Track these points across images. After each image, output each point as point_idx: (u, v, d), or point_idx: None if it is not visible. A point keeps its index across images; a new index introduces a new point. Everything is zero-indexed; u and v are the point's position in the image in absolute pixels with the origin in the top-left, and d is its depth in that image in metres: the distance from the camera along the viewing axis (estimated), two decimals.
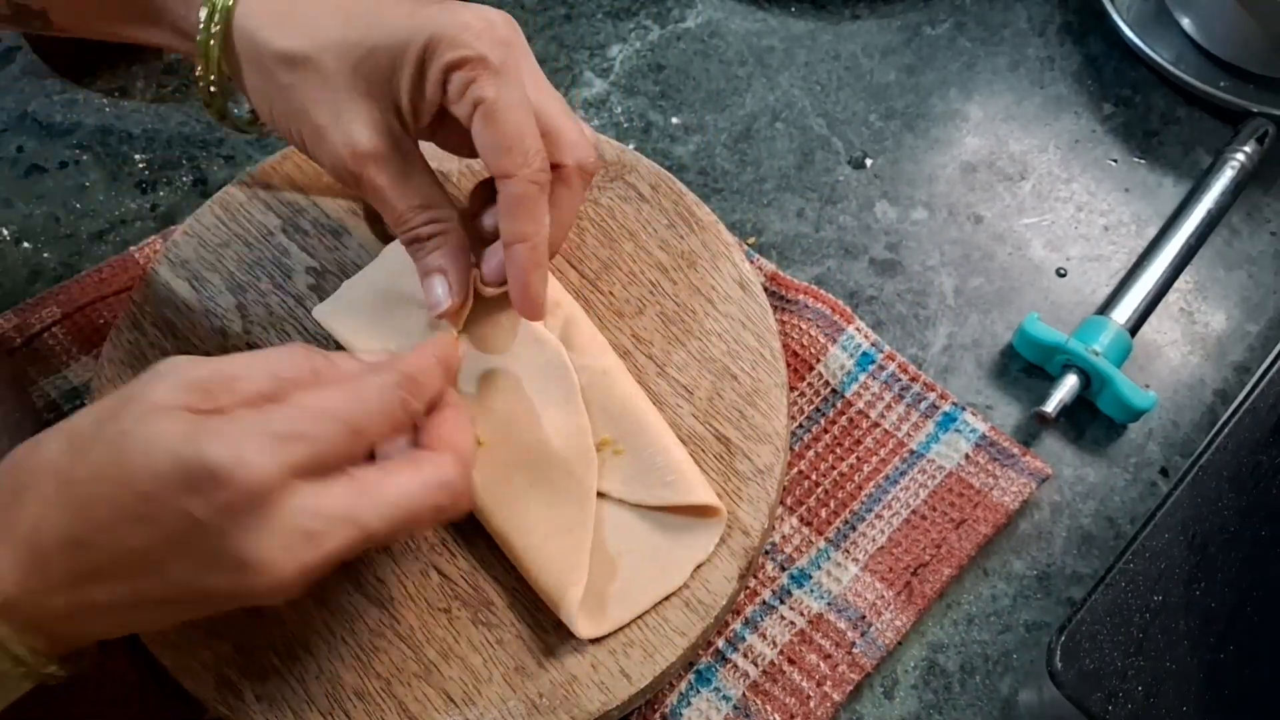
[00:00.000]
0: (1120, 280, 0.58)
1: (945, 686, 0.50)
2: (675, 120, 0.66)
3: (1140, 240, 0.61)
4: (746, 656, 0.49)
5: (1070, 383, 0.55)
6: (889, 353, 0.56)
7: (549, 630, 0.46)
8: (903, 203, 0.63)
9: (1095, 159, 0.65)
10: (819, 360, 0.55)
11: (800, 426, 0.54)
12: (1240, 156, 0.60)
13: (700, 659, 0.49)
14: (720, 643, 0.49)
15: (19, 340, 0.55)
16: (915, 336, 0.59)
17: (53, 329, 0.56)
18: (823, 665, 0.48)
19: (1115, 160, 0.65)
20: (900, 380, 0.55)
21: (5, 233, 0.61)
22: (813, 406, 0.55)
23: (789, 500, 0.53)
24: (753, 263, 0.58)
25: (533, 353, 0.48)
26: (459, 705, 0.44)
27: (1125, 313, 0.56)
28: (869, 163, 0.64)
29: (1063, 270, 0.61)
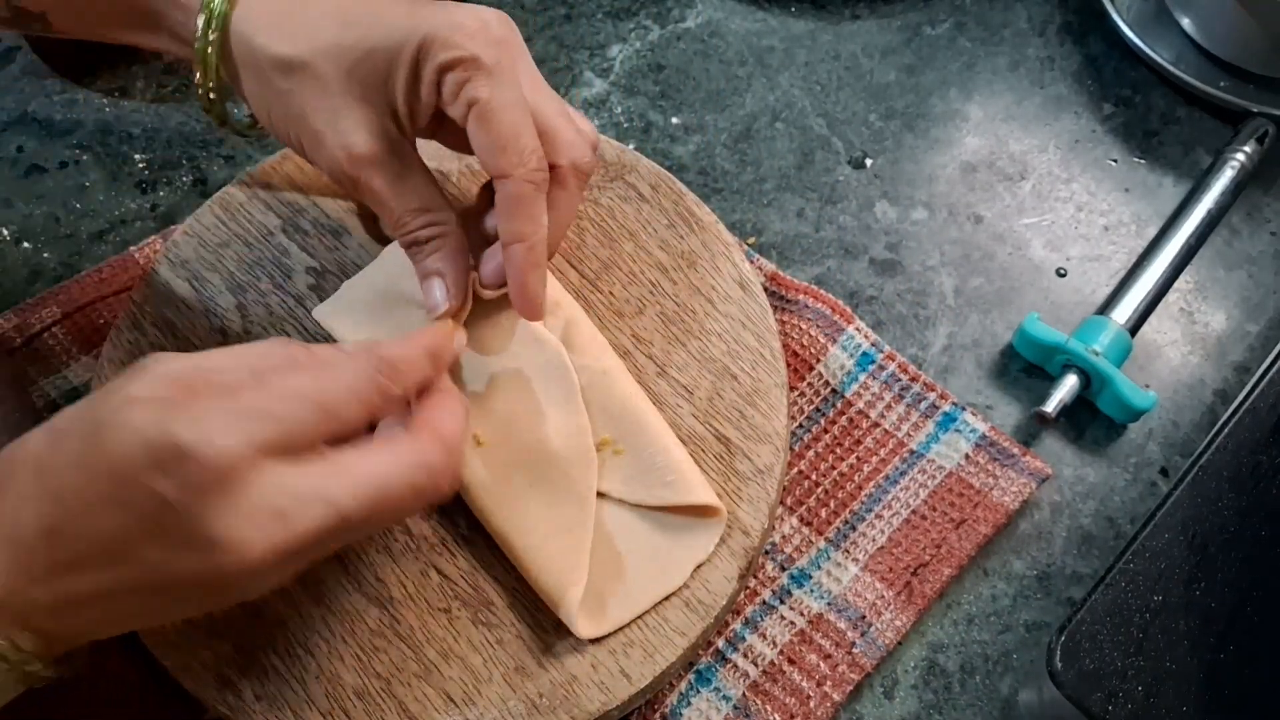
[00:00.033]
0: (1120, 280, 0.58)
1: (945, 686, 0.50)
2: (675, 120, 0.66)
3: (1140, 240, 0.61)
4: (746, 656, 0.49)
5: (1070, 383, 0.55)
6: (889, 353, 0.56)
7: (549, 630, 0.46)
8: (903, 203, 0.63)
9: (1095, 159, 0.65)
10: (819, 360, 0.55)
11: (800, 426, 0.54)
12: (1240, 156, 0.60)
13: (700, 659, 0.49)
14: (720, 643, 0.49)
15: (19, 340, 0.55)
16: (915, 336, 0.59)
17: (53, 329, 0.56)
18: (823, 665, 0.48)
19: (1115, 160, 0.65)
20: (900, 380, 0.55)
21: (5, 233, 0.61)
22: (813, 406, 0.55)
23: (789, 500, 0.53)
24: (753, 263, 0.58)
25: (533, 353, 0.48)
26: (459, 705, 0.44)
27: (1125, 313, 0.56)
28: (869, 163, 0.64)
29: (1063, 270, 0.61)
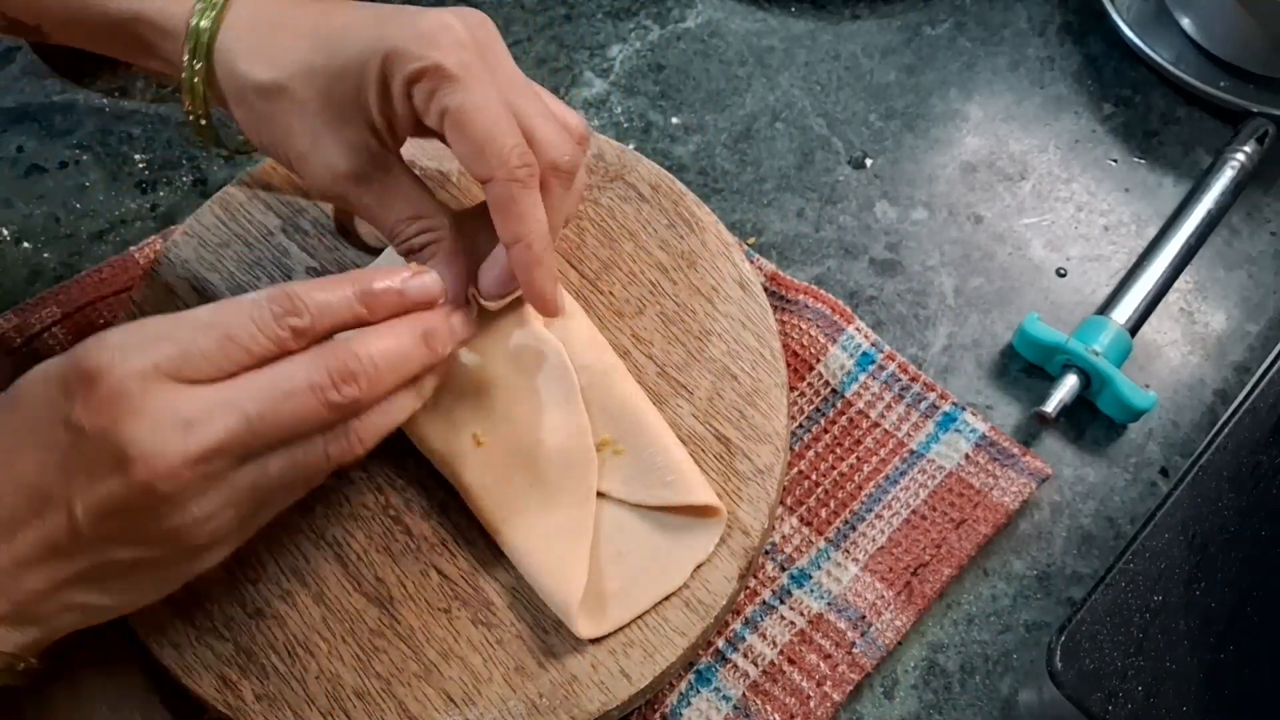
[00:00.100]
0: (1120, 280, 0.58)
1: (945, 686, 0.50)
2: (675, 120, 0.66)
3: (1140, 240, 0.61)
4: (746, 656, 0.49)
5: (1070, 383, 0.55)
6: (889, 353, 0.56)
7: (549, 630, 0.46)
8: (903, 203, 0.63)
9: (1095, 159, 0.65)
10: (819, 360, 0.55)
11: (800, 426, 0.54)
12: (1240, 156, 0.60)
13: (700, 659, 0.49)
14: (720, 643, 0.49)
15: (19, 340, 0.55)
16: (915, 336, 0.59)
17: (53, 329, 0.56)
18: (823, 665, 0.48)
19: (1115, 160, 0.65)
20: (900, 380, 0.55)
21: (5, 233, 0.62)
22: (813, 406, 0.55)
23: (789, 500, 0.53)
24: (753, 263, 0.58)
25: (533, 353, 0.48)
26: (459, 705, 0.44)
27: (1125, 313, 0.56)
28: (869, 163, 0.64)
29: (1063, 270, 0.61)
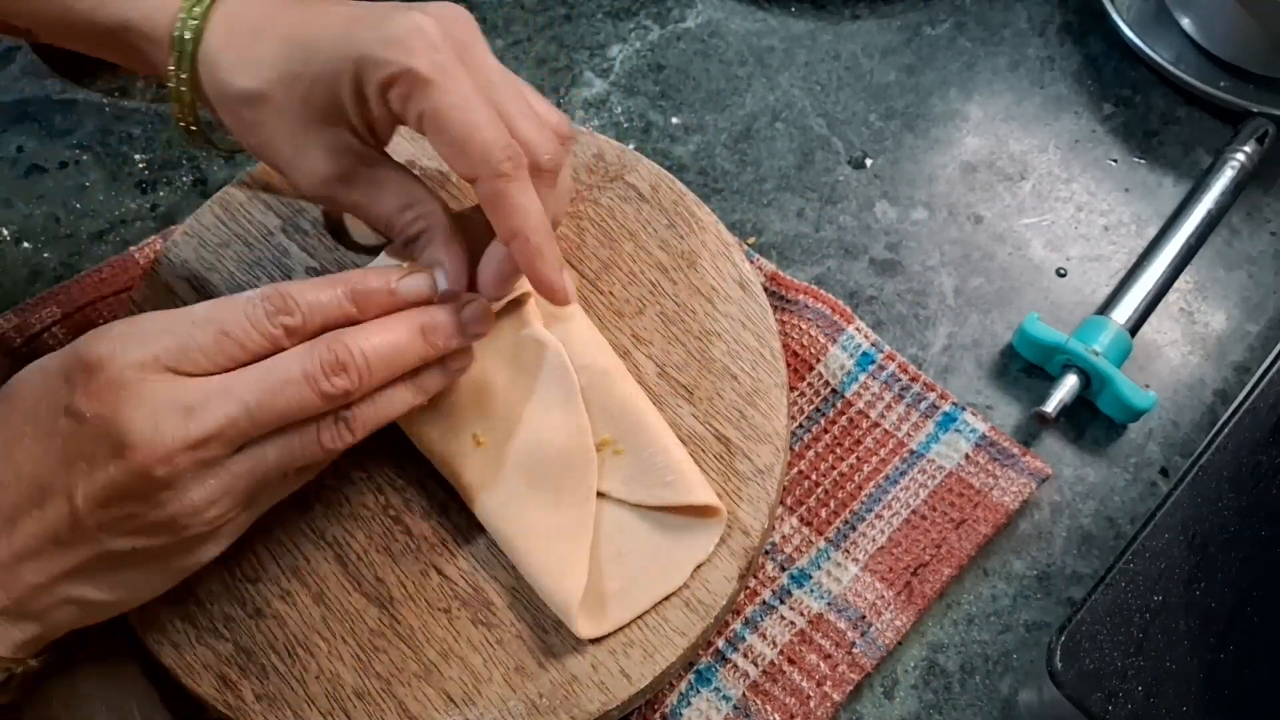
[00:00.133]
0: (1120, 280, 0.58)
1: (945, 686, 0.50)
2: (675, 120, 0.66)
3: (1140, 240, 0.61)
4: (746, 656, 0.49)
5: (1070, 383, 0.55)
6: (889, 353, 0.56)
7: (549, 630, 0.46)
8: (903, 203, 0.63)
9: (1095, 159, 0.65)
10: (819, 360, 0.55)
11: (800, 426, 0.54)
12: (1240, 156, 0.60)
13: (700, 659, 0.49)
14: (720, 643, 0.49)
15: (19, 340, 0.55)
16: (915, 336, 0.59)
17: (53, 329, 0.56)
18: (823, 665, 0.48)
19: (1115, 160, 0.65)
20: (900, 380, 0.55)
21: (5, 233, 0.62)
22: (813, 406, 0.55)
23: (789, 500, 0.53)
24: (753, 263, 0.58)
25: (533, 353, 0.48)
26: (459, 705, 0.44)
27: (1125, 313, 0.56)
28: (869, 163, 0.64)
29: (1063, 270, 0.61)
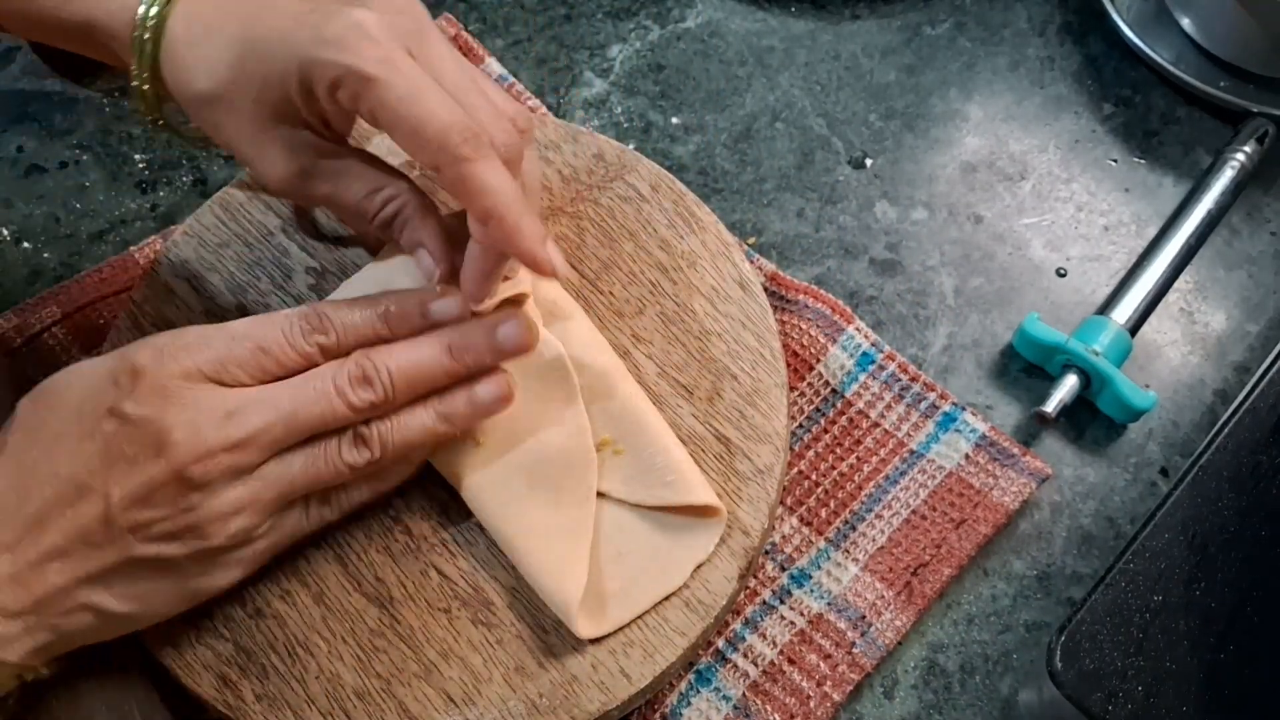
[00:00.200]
0: (1120, 280, 0.58)
1: (945, 686, 0.50)
2: (675, 120, 0.66)
3: (1140, 240, 0.61)
4: (746, 656, 0.49)
5: (1070, 383, 0.55)
6: (889, 353, 0.56)
7: (549, 630, 0.46)
8: (903, 203, 0.63)
9: (1095, 159, 0.65)
10: (819, 360, 0.55)
11: (800, 426, 0.54)
12: (1240, 156, 0.60)
13: (700, 659, 0.49)
14: (720, 643, 0.49)
15: (19, 340, 0.55)
16: (915, 336, 0.59)
17: (53, 329, 0.56)
18: (823, 665, 0.48)
19: (1115, 160, 0.65)
20: (900, 380, 0.55)
21: (5, 233, 0.62)
22: (813, 406, 0.55)
23: (789, 500, 0.53)
24: (753, 263, 0.58)
25: (533, 353, 0.48)
26: (459, 705, 0.44)
27: (1125, 313, 0.56)
28: (869, 163, 0.64)
29: (1063, 270, 0.61)
